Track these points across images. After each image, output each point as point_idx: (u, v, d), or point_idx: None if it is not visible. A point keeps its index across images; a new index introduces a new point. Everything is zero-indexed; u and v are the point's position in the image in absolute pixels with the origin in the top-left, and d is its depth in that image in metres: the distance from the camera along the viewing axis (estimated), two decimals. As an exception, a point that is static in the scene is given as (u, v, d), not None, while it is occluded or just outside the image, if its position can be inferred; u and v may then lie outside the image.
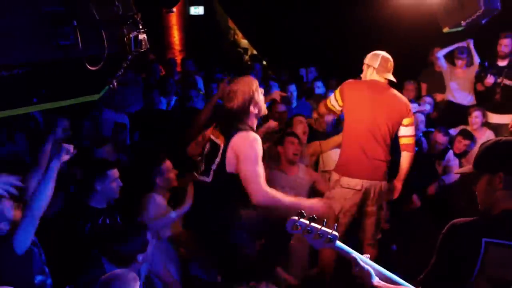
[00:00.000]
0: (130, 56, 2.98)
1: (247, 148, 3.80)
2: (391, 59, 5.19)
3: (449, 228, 2.46)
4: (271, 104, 5.99)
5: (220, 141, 3.98)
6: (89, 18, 2.80)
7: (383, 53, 5.17)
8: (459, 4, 6.03)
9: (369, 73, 5.14)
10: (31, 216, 3.21)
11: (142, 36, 2.97)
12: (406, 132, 5.15)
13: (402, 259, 5.39)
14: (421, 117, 7.16)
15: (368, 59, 5.19)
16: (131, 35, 2.93)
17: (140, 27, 2.98)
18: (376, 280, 2.62)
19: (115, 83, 3.11)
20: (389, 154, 5.09)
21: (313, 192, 5.45)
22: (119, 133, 6.19)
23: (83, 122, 6.29)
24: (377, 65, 5.08)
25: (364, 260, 2.65)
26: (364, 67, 5.21)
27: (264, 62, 11.72)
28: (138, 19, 2.97)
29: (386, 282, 2.60)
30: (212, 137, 4.10)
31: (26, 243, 3.24)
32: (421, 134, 6.99)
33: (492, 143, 2.57)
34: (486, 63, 7.71)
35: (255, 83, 4.07)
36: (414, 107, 6.97)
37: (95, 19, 2.81)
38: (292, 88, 7.73)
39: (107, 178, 4.04)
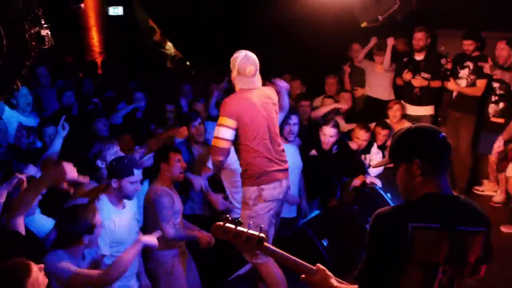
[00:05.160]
0: (33, 54, 2.79)
1: None
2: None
3: (375, 218, 2.44)
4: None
5: None
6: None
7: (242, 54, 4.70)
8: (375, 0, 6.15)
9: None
10: None
11: (45, 32, 2.77)
12: None
13: (334, 254, 5.39)
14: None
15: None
16: (32, 31, 2.73)
17: (43, 22, 2.79)
18: (335, 281, 2.58)
19: (19, 83, 2.91)
20: None
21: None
22: (24, 137, 5.80)
23: None
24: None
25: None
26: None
27: (188, 63, 11.56)
28: (40, 14, 2.77)
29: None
30: None
31: None
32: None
33: (403, 132, 2.57)
34: (405, 59, 7.91)
35: None
36: None
37: (-9, 14, 2.60)
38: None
39: None
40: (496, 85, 7.30)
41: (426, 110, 7.83)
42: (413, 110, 7.79)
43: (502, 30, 7.57)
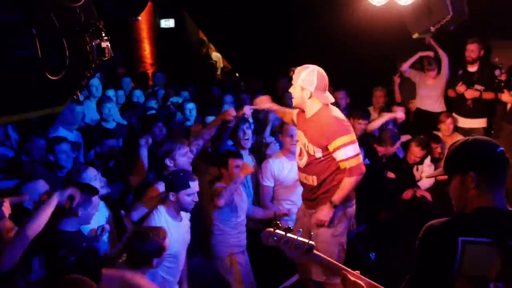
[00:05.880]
0: (93, 65, 2.88)
1: None
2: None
3: (425, 231, 2.42)
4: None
5: None
6: (49, 26, 2.69)
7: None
8: (428, 10, 6.09)
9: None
10: (25, 236, 3.21)
11: (106, 44, 2.86)
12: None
13: (382, 267, 5.34)
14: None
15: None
16: (93, 43, 2.83)
17: (103, 34, 2.88)
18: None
19: (79, 94, 3.00)
20: None
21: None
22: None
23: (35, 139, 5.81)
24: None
25: (354, 273, 2.60)
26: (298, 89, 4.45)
27: (237, 74, 11.66)
28: (101, 26, 2.87)
29: None
30: None
31: (14, 261, 3.20)
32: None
33: (460, 144, 2.53)
34: (461, 71, 7.75)
35: None
36: None
37: (55, 27, 2.70)
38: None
39: (90, 204, 3.85)
40: (553, 97, 7.08)
41: (479, 123, 7.67)
42: (466, 122, 7.64)
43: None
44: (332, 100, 4.48)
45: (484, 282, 2.32)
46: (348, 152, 4.31)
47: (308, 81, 4.33)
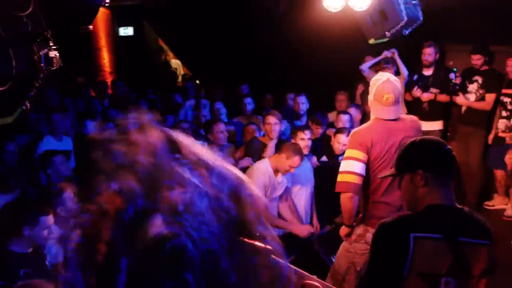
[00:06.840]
0: (41, 75, 2.82)
1: None
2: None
3: (378, 228, 2.48)
4: None
5: None
6: (-6, 36, 2.63)
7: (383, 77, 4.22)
8: (382, 16, 6.17)
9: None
10: None
11: (54, 53, 2.80)
12: None
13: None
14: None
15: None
16: (41, 53, 2.77)
17: (51, 44, 2.82)
18: None
19: (28, 104, 2.93)
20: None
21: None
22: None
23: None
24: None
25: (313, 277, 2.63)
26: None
27: (197, 81, 11.63)
28: (49, 36, 2.81)
29: None
30: None
31: None
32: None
33: (408, 144, 2.64)
34: (416, 76, 7.87)
35: None
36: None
37: (1, 36, 2.64)
38: (219, 105, 7.78)
39: (37, 225, 3.61)
40: (507, 100, 7.24)
41: (435, 125, 7.80)
42: (422, 125, 7.72)
43: (511, 44, 7.56)
44: (392, 116, 4.18)
45: (436, 278, 2.38)
46: (343, 165, 4.14)
47: (371, 88, 4.25)
